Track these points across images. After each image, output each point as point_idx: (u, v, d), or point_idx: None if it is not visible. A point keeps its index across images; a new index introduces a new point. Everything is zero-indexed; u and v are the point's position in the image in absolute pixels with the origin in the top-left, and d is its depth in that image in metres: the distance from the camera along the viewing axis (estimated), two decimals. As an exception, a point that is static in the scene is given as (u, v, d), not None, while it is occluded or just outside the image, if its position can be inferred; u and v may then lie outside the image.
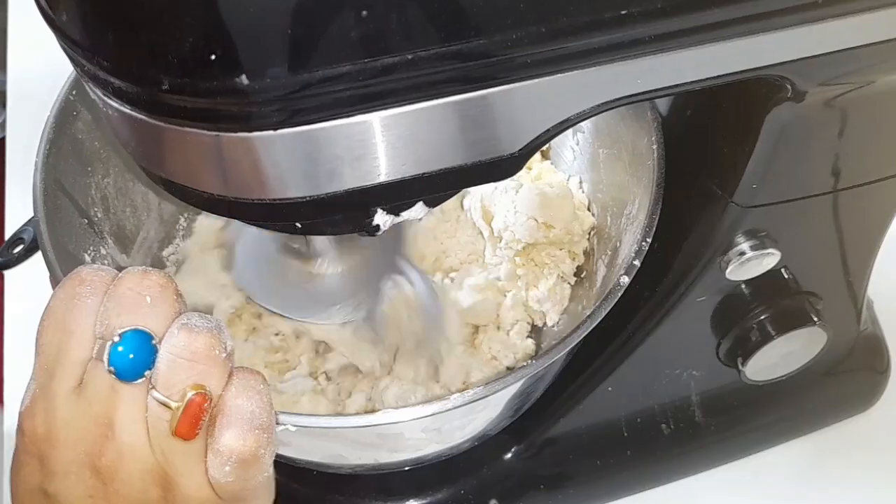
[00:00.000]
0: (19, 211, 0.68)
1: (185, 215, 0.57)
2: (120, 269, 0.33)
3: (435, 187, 0.29)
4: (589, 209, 0.57)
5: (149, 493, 0.31)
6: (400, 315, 0.51)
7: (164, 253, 0.55)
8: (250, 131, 0.25)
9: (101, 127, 0.48)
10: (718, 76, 0.30)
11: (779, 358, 0.50)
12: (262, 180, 0.27)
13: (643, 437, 0.56)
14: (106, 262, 0.47)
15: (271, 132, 0.25)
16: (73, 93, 0.46)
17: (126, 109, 0.26)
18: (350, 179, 0.27)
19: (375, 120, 0.26)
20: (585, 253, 0.56)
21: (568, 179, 0.58)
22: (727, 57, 0.29)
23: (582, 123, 0.55)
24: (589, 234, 0.55)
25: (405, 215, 0.30)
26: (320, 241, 0.43)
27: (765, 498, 0.58)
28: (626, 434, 0.56)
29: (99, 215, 0.48)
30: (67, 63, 0.28)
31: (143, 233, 0.52)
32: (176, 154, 0.27)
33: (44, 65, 0.54)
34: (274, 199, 0.28)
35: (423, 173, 0.28)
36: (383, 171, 0.27)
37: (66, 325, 0.31)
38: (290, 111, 0.25)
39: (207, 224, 0.57)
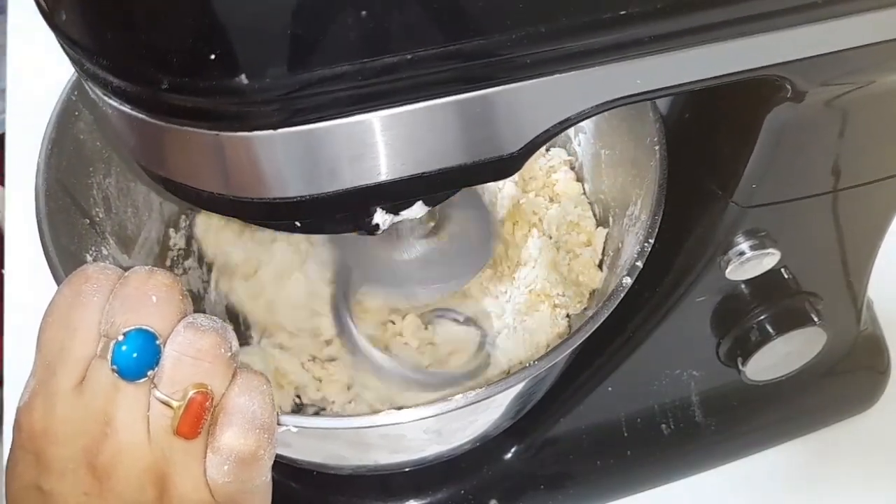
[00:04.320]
0: (20, 212, 0.68)
1: (187, 215, 0.57)
2: (124, 269, 0.33)
3: (434, 186, 0.29)
4: (593, 213, 0.57)
5: (145, 493, 0.31)
6: None
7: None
8: (250, 131, 0.25)
9: (102, 127, 0.48)
10: (718, 76, 0.30)
11: (779, 358, 0.50)
12: (262, 179, 0.27)
13: (643, 437, 0.56)
14: (108, 262, 0.47)
15: (271, 132, 0.25)
16: (75, 93, 0.46)
17: (126, 109, 0.26)
18: (350, 179, 0.27)
19: (375, 120, 0.26)
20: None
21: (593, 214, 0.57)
22: (727, 57, 0.30)
23: (583, 124, 0.55)
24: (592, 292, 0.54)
25: (404, 214, 0.30)
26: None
27: (765, 498, 0.58)
28: (626, 434, 0.56)
29: (101, 215, 0.48)
30: (68, 63, 0.28)
31: (145, 233, 0.52)
32: (176, 153, 0.28)
33: (44, 65, 0.54)
34: (273, 198, 0.28)
35: (423, 173, 0.28)
36: (383, 170, 0.28)
37: (70, 322, 0.31)
38: (289, 111, 0.25)
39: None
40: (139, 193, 0.52)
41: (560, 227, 0.56)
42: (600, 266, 0.54)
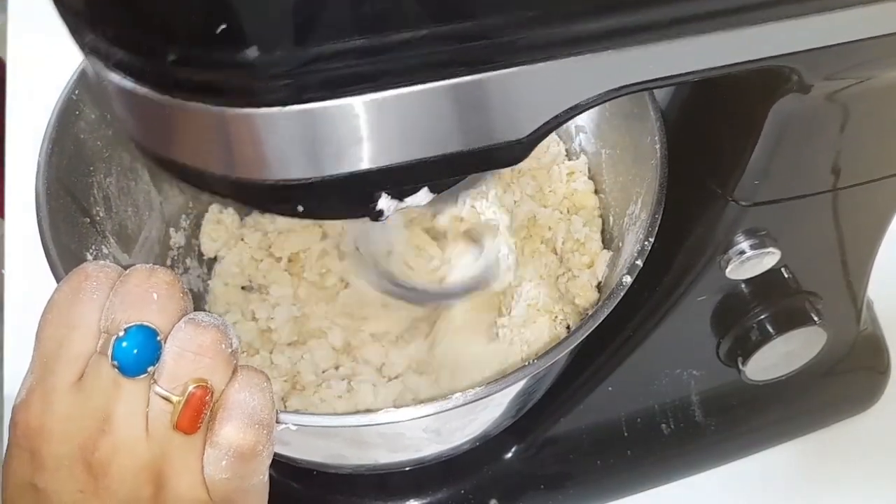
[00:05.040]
0: (21, 211, 0.68)
1: (187, 214, 0.57)
2: (124, 268, 0.33)
3: (440, 172, 0.29)
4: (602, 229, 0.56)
5: (140, 491, 0.31)
6: None
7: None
8: (256, 107, 0.25)
9: (103, 126, 0.48)
10: (729, 65, 0.30)
11: (779, 358, 0.50)
12: (266, 160, 0.27)
13: (643, 437, 0.56)
14: (108, 261, 0.47)
15: (277, 109, 0.25)
16: (76, 92, 0.46)
17: (128, 84, 0.25)
18: (355, 161, 0.27)
19: (384, 101, 0.26)
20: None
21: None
22: (738, 45, 0.29)
23: (584, 123, 0.55)
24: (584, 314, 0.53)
25: (409, 201, 0.30)
26: None
27: (765, 498, 0.58)
28: (626, 434, 0.56)
29: (101, 214, 0.48)
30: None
31: (145, 232, 0.52)
32: (179, 132, 0.27)
33: (44, 64, 0.54)
34: (277, 180, 0.27)
35: (429, 157, 0.28)
36: (389, 153, 0.27)
37: (70, 319, 0.31)
38: (297, 87, 0.24)
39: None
40: (140, 193, 0.52)
41: (566, 243, 0.56)
42: (598, 288, 0.53)
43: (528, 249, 0.56)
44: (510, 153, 0.29)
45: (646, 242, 0.42)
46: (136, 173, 0.51)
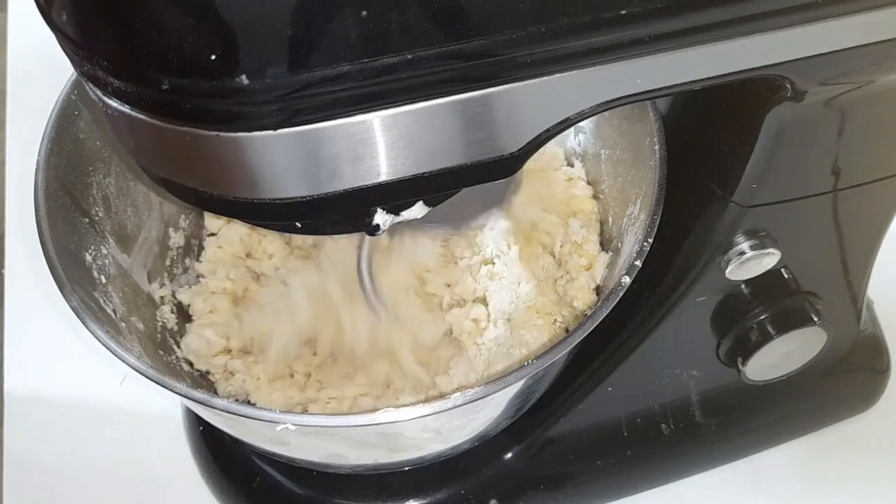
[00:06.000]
0: (20, 210, 0.68)
1: (187, 215, 0.57)
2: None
3: (435, 187, 0.29)
4: (600, 231, 0.56)
5: None
6: None
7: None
8: (250, 131, 0.25)
9: (102, 127, 0.48)
10: (719, 76, 0.30)
11: (779, 358, 0.50)
12: (262, 180, 0.27)
13: (643, 437, 0.56)
14: (107, 261, 0.47)
15: (271, 132, 0.25)
16: (75, 92, 0.46)
17: (125, 109, 0.26)
18: (350, 179, 0.27)
19: (375, 120, 0.26)
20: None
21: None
22: (727, 57, 0.29)
23: (583, 124, 0.55)
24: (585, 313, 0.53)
25: (405, 215, 0.30)
26: None
27: (765, 498, 0.58)
28: (626, 434, 0.56)
29: (100, 215, 0.48)
30: (68, 62, 0.28)
31: (145, 232, 0.52)
32: (175, 154, 0.27)
33: (44, 64, 0.54)
34: (273, 199, 0.28)
35: (423, 173, 0.28)
36: (383, 170, 0.28)
37: None
38: (289, 111, 0.25)
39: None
40: (139, 193, 0.52)
41: (564, 245, 0.55)
42: (597, 291, 0.53)
43: (525, 252, 0.56)
44: (504, 166, 0.30)
45: (645, 243, 0.42)
46: (135, 174, 0.51)
